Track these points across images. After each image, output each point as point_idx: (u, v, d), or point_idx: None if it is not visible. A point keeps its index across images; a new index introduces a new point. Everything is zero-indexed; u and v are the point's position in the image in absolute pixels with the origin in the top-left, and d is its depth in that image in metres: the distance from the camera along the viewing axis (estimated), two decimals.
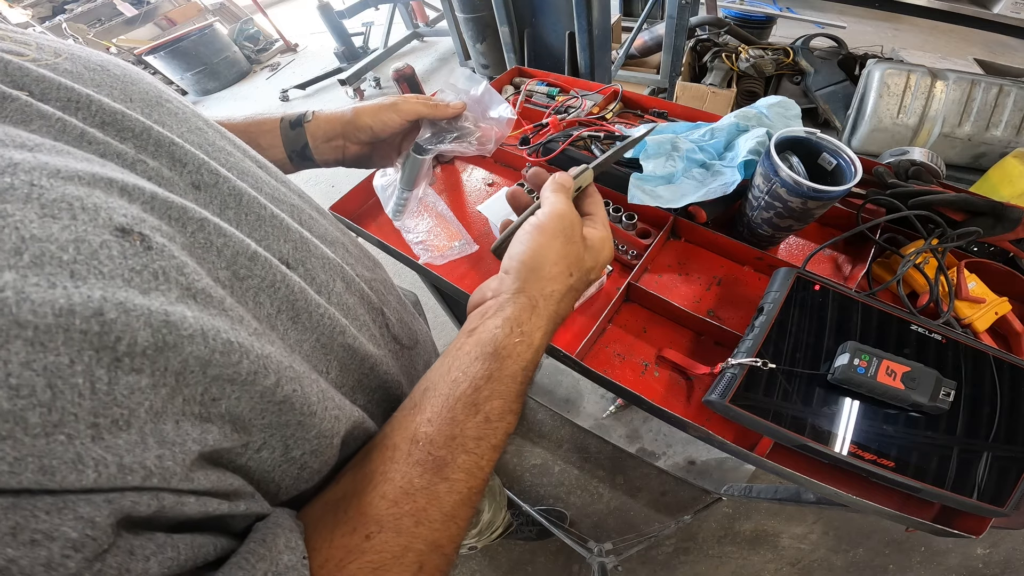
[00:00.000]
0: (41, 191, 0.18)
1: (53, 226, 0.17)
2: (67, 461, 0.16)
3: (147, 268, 0.20)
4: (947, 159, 1.82)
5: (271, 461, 0.26)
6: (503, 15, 1.60)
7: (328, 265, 0.35)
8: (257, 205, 0.31)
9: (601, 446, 1.41)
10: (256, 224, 0.30)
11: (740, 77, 2.21)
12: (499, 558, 1.29)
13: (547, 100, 0.92)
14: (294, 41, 4.20)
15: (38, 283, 0.16)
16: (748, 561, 1.24)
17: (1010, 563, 1.16)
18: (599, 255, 0.38)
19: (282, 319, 0.28)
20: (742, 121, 0.67)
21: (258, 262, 0.27)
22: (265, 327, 0.26)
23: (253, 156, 0.37)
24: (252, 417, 0.23)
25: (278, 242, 0.31)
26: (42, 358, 0.16)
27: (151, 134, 0.27)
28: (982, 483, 0.42)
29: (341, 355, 0.33)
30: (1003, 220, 0.56)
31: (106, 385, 0.17)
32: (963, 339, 0.48)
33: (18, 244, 0.16)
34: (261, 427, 0.24)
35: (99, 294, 0.17)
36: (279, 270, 0.28)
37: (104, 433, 0.17)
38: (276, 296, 0.28)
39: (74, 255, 0.18)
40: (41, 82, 0.24)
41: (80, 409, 0.17)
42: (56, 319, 0.16)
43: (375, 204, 0.80)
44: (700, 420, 0.51)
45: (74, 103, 0.25)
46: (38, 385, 0.16)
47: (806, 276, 0.53)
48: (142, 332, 0.18)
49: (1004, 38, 2.26)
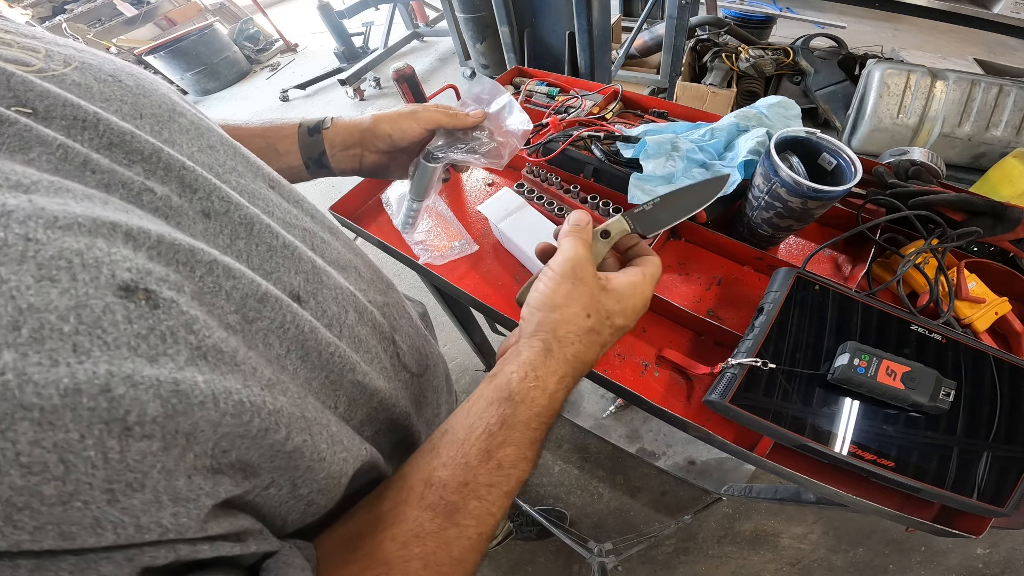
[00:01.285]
0: (38, 247, 0.17)
1: (52, 291, 0.17)
2: (86, 527, 0.16)
3: (154, 331, 0.19)
4: (947, 159, 1.82)
5: (278, 498, 0.25)
6: (503, 15, 1.60)
7: (340, 296, 0.34)
8: (268, 234, 0.30)
9: (601, 446, 1.41)
10: (267, 255, 0.29)
11: (740, 77, 2.21)
12: (499, 558, 1.29)
13: (547, 100, 0.92)
14: (294, 41, 4.20)
15: (40, 362, 0.15)
16: (748, 561, 1.24)
17: (1010, 563, 1.16)
18: (626, 300, 0.36)
19: (291, 359, 0.28)
20: (742, 121, 0.67)
21: (267, 304, 0.26)
22: (276, 370, 0.26)
23: (266, 175, 0.36)
24: (261, 463, 0.23)
25: (289, 274, 0.30)
26: (51, 436, 0.15)
27: (161, 157, 0.26)
28: (982, 483, 0.42)
29: (350, 391, 0.32)
30: (1003, 220, 0.56)
31: (118, 454, 0.17)
32: (963, 339, 0.48)
33: (15, 317, 0.16)
34: (270, 469, 0.24)
35: (104, 369, 0.17)
36: (289, 309, 0.27)
37: (120, 496, 0.17)
38: (285, 337, 0.27)
39: (76, 325, 0.17)
40: (45, 98, 0.23)
41: (94, 478, 0.16)
42: (62, 399, 0.16)
43: (375, 204, 0.80)
44: (700, 420, 0.51)
45: (80, 122, 0.24)
46: (50, 461, 0.15)
47: (806, 276, 0.53)
48: (151, 404, 0.18)
49: (1004, 38, 2.26)
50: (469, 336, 1.22)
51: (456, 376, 1.65)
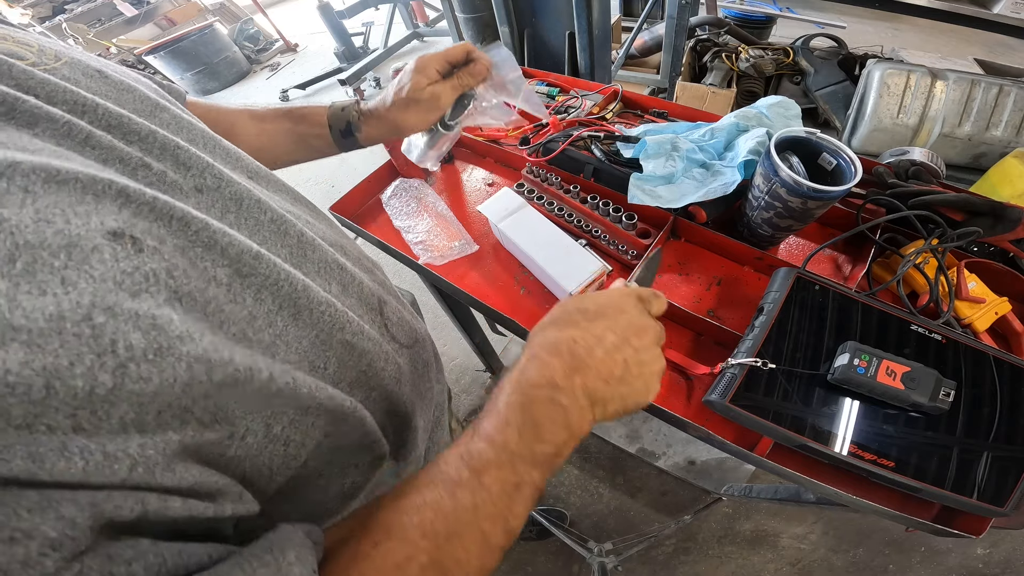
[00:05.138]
0: (36, 196, 0.19)
1: (47, 231, 0.18)
2: (54, 448, 0.17)
3: (139, 270, 0.20)
4: (947, 159, 1.82)
5: (256, 446, 0.26)
6: (503, 15, 1.59)
7: (325, 268, 0.35)
8: (257, 209, 0.32)
9: (601, 446, 1.41)
10: (255, 228, 0.31)
11: (740, 77, 2.21)
12: None
13: (547, 100, 0.92)
14: (294, 41, 4.20)
15: (29, 291, 0.17)
16: (748, 561, 1.24)
17: (1010, 563, 1.16)
18: (591, 302, 0.34)
19: (283, 315, 0.29)
20: (742, 121, 0.67)
21: (262, 261, 0.28)
22: (260, 325, 0.27)
23: (246, 165, 0.38)
24: (228, 406, 0.24)
25: (275, 247, 0.32)
26: (40, 359, 0.16)
27: (156, 137, 0.28)
28: (982, 483, 0.42)
29: (340, 351, 0.33)
30: (1003, 220, 0.56)
31: (107, 391, 0.18)
32: (963, 339, 0.48)
33: (12, 251, 0.17)
34: (241, 414, 0.24)
35: (88, 300, 0.18)
36: (283, 268, 0.29)
37: (84, 424, 0.18)
38: (279, 294, 0.28)
39: (65, 261, 0.18)
40: (46, 86, 0.25)
41: (67, 406, 0.17)
42: (47, 323, 0.17)
43: (375, 204, 0.80)
44: (700, 420, 0.51)
45: (80, 106, 0.25)
46: (35, 384, 0.16)
47: (806, 276, 0.53)
48: (134, 335, 0.19)
49: (1004, 38, 2.26)
50: (469, 336, 1.22)
51: (456, 376, 1.65)
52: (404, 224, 0.74)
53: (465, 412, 1.52)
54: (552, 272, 0.58)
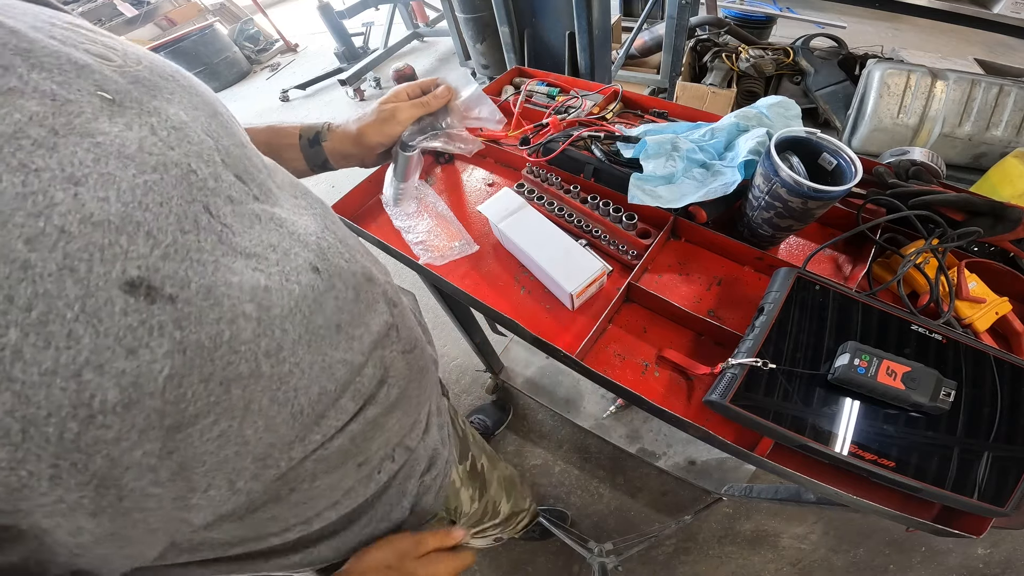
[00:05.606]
0: (69, 239, 0.19)
1: (68, 280, 0.19)
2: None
3: (144, 324, 0.21)
4: (947, 159, 1.82)
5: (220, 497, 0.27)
6: (503, 15, 1.59)
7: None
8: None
9: (601, 446, 1.41)
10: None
11: (740, 77, 2.21)
12: (499, 558, 1.29)
13: (547, 100, 0.92)
14: (294, 41, 4.20)
15: (35, 343, 0.18)
16: (748, 561, 1.24)
17: (1011, 563, 1.16)
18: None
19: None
20: (742, 121, 0.67)
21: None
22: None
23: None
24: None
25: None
26: (23, 409, 0.18)
27: (219, 146, 0.29)
28: (982, 483, 0.42)
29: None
30: (1003, 220, 0.56)
31: (74, 435, 0.19)
32: (963, 339, 0.48)
33: (30, 300, 0.18)
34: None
35: (84, 356, 0.19)
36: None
37: (63, 471, 0.19)
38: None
39: (78, 313, 0.19)
40: (120, 90, 0.26)
41: (43, 450, 0.18)
42: (41, 377, 0.18)
43: (375, 204, 0.80)
44: (700, 420, 0.51)
45: (147, 112, 0.26)
46: (13, 430, 0.17)
47: (806, 276, 0.53)
48: (111, 391, 0.20)
49: (1004, 38, 2.26)
50: (469, 336, 1.22)
51: (456, 376, 1.65)
52: (404, 224, 0.74)
53: (465, 412, 1.52)
54: (552, 272, 0.58)
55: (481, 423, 1.45)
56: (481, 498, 0.68)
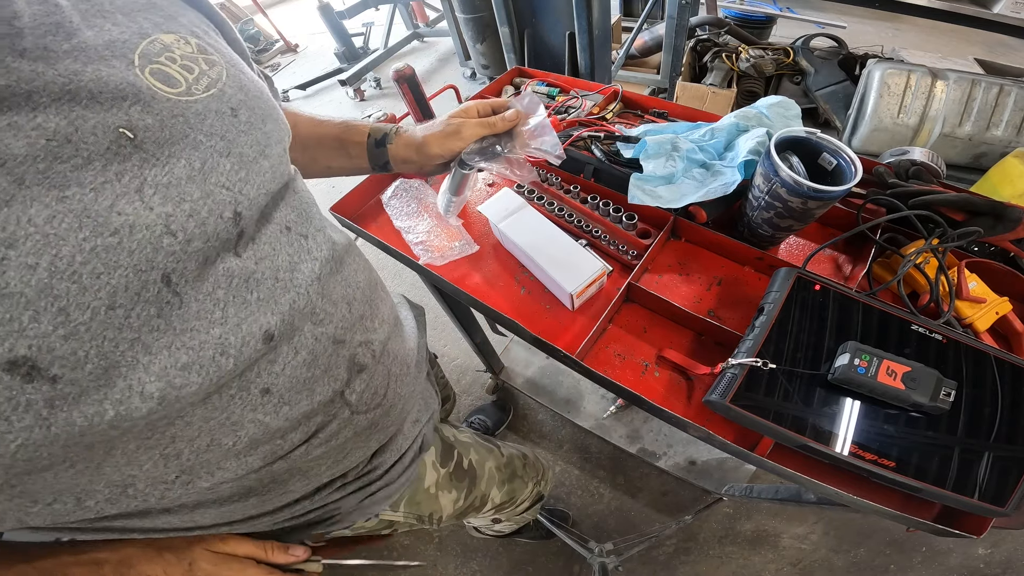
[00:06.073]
0: None
1: None
2: None
3: (10, 400, 0.21)
4: (947, 159, 1.82)
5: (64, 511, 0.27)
6: (503, 15, 1.60)
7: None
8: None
9: (602, 446, 1.41)
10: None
11: (740, 77, 2.21)
12: (500, 558, 1.29)
13: (547, 100, 0.92)
14: (294, 41, 4.20)
15: None
16: (749, 561, 1.24)
17: (1011, 563, 1.16)
18: None
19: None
20: (742, 121, 0.67)
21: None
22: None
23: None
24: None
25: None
26: None
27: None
28: (983, 483, 0.42)
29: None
30: (1003, 220, 0.56)
31: None
32: (964, 339, 0.48)
33: None
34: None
35: None
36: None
37: None
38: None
39: None
40: (149, 127, 0.26)
41: None
42: None
43: (375, 204, 0.80)
44: (700, 420, 0.51)
45: (150, 163, 0.26)
46: None
47: (806, 276, 0.53)
48: None
49: (1004, 38, 2.26)
50: (469, 336, 1.22)
51: (456, 376, 1.64)
52: (404, 224, 0.74)
53: (465, 412, 1.52)
54: (552, 272, 0.58)
55: (481, 423, 1.45)
56: (468, 495, 0.68)
